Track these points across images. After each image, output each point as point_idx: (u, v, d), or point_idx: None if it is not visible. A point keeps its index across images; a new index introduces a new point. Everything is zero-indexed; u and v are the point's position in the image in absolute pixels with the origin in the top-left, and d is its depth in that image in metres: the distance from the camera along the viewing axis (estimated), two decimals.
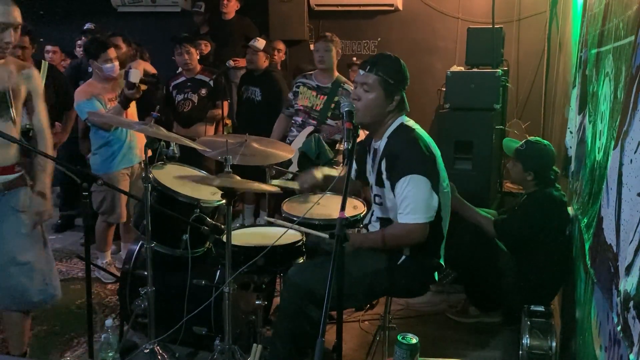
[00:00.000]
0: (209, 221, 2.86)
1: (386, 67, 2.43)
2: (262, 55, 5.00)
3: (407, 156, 2.36)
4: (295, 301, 2.40)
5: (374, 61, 2.46)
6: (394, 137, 2.46)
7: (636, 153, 1.38)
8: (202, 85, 4.78)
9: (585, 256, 2.17)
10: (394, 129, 2.48)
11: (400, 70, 2.48)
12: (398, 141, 2.43)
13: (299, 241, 2.70)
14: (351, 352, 3.17)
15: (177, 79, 4.87)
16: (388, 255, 2.46)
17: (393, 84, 2.42)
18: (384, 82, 2.41)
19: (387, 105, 2.45)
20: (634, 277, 1.25)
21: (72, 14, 6.63)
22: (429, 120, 5.60)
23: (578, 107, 3.09)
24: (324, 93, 4.16)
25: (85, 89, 4.01)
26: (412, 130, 2.46)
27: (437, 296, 3.83)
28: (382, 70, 2.41)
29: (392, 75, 2.42)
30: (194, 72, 4.80)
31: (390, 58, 2.50)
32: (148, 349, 2.77)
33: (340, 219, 1.83)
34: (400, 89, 2.47)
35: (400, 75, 2.46)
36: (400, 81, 2.46)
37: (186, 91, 4.78)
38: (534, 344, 2.67)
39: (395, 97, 2.44)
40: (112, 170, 4.01)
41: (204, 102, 4.76)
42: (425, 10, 5.86)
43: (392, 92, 2.43)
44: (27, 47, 4.00)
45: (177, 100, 4.79)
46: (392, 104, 2.45)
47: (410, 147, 2.38)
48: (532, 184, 3.26)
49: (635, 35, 1.60)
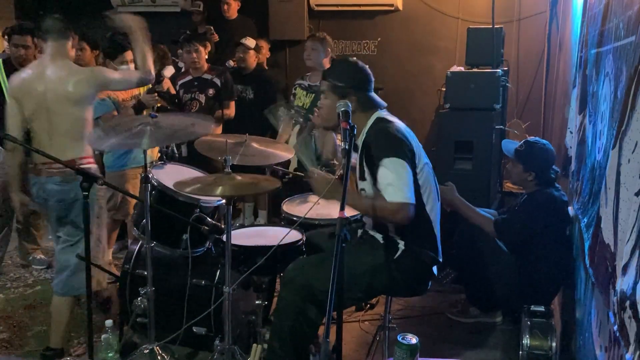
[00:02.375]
0: (209, 221, 2.86)
1: (335, 72, 2.54)
2: (252, 54, 5.04)
3: (379, 142, 2.42)
4: (294, 299, 2.41)
5: (328, 69, 2.61)
6: (372, 131, 2.50)
7: (634, 153, 1.38)
8: (210, 85, 4.74)
9: (585, 256, 2.17)
10: (372, 123, 2.52)
11: (353, 72, 2.54)
12: (377, 132, 2.48)
13: (299, 241, 2.71)
14: (351, 352, 3.18)
15: (184, 77, 4.82)
16: (385, 251, 2.48)
17: (343, 87, 2.48)
18: (334, 87, 2.49)
19: None
20: (630, 276, 1.25)
21: (72, 13, 6.62)
22: (429, 120, 5.60)
23: (578, 107, 3.09)
24: (313, 92, 4.24)
25: None
26: (384, 121, 2.51)
27: (437, 296, 3.82)
28: (331, 76, 2.52)
29: (341, 79, 2.49)
30: (201, 71, 4.75)
31: (342, 63, 2.65)
32: (148, 349, 2.77)
33: (341, 218, 1.84)
34: (355, 89, 2.49)
35: (352, 78, 2.51)
36: (352, 82, 2.50)
37: (193, 91, 4.74)
38: (534, 344, 2.67)
39: (350, 97, 2.45)
40: (124, 168, 4.03)
41: (211, 102, 4.73)
42: (425, 10, 5.86)
43: (344, 94, 2.46)
44: (30, 46, 4.00)
45: (184, 99, 4.78)
46: (352, 105, 2.45)
47: (382, 134, 2.45)
48: (532, 184, 3.26)
49: (635, 35, 1.61)
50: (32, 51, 4.05)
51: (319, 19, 6.14)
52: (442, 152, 4.19)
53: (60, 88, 2.95)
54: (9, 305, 3.80)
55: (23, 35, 3.97)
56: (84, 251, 2.62)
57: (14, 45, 3.99)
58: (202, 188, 2.51)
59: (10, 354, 3.18)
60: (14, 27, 4.09)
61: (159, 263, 2.92)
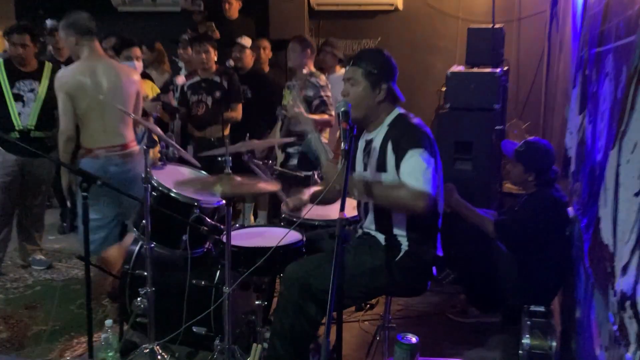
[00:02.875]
0: (208, 221, 2.86)
1: (368, 59, 2.51)
2: (249, 53, 5.03)
3: (410, 133, 2.43)
4: (294, 298, 2.40)
5: (357, 56, 2.57)
6: (396, 124, 2.50)
7: (633, 153, 1.38)
8: (217, 87, 4.68)
9: (584, 256, 2.17)
10: (394, 118, 2.52)
11: (384, 60, 2.53)
12: (403, 124, 2.48)
13: (300, 242, 2.70)
14: (351, 352, 3.17)
15: (192, 78, 4.80)
16: (386, 252, 2.47)
17: (377, 74, 2.47)
18: (367, 74, 2.47)
19: (376, 96, 2.48)
20: (630, 277, 1.25)
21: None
22: (429, 121, 5.59)
23: (578, 107, 3.09)
24: (291, 89, 4.41)
25: None
26: (407, 117, 2.53)
27: (437, 296, 3.82)
28: (364, 62, 2.48)
29: (375, 66, 2.48)
30: (209, 72, 4.69)
31: (372, 51, 2.62)
32: (148, 348, 2.77)
33: (341, 219, 1.84)
34: (386, 78, 2.49)
35: (383, 66, 2.51)
36: (384, 70, 2.50)
37: (200, 92, 4.70)
38: (534, 344, 2.67)
39: (382, 86, 2.47)
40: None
41: (217, 105, 4.67)
42: (425, 10, 5.86)
43: (377, 82, 2.47)
44: (29, 45, 4.01)
45: (191, 101, 4.75)
46: (380, 94, 2.48)
47: (409, 127, 2.46)
48: (533, 185, 3.25)
49: (635, 35, 1.61)
50: (31, 50, 4.06)
51: (319, 19, 6.15)
52: (442, 152, 4.11)
53: (112, 83, 3.35)
54: (9, 305, 3.80)
55: (22, 35, 3.99)
56: (84, 251, 2.62)
57: (13, 44, 4.00)
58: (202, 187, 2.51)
59: (10, 354, 3.18)
60: (13, 27, 4.10)
61: (159, 263, 2.92)
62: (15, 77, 4.04)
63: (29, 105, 4.05)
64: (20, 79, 4.05)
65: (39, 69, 4.14)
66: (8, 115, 4.00)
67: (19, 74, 4.05)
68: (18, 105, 4.02)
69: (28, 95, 4.04)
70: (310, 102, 4.29)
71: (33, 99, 4.06)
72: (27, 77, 4.07)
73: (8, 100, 3.99)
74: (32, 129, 4.06)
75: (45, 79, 4.11)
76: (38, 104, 4.06)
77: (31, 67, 4.10)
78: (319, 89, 4.30)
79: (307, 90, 4.33)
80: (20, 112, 4.03)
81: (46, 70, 4.16)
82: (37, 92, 4.07)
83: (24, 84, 4.05)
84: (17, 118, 4.01)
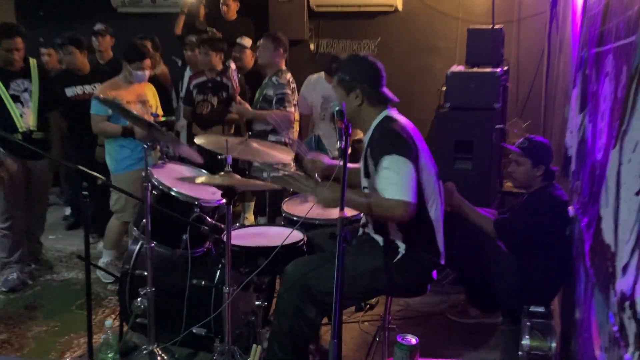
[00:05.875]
0: (208, 221, 2.86)
1: (342, 66, 2.56)
2: (249, 54, 5.03)
3: (385, 139, 2.42)
4: (293, 301, 2.40)
5: (338, 64, 2.62)
6: (379, 128, 2.50)
7: (634, 152, 1.38)
8: (223, 87, 4.73)
9: (585, 256, 2.16)
10: (379, 121, 2.52)
11: (357, 66, 2.54)
12: (382, 129, 2.48)
13: (301, 241, 2.70)
14: (351, 353, 3.17)
15: (198, 77, 4.83)
16: (385, 254, 2.47)
17: (348, 80, 2.49)
18: (340, 80, 2.52)
19: (352, 101, 2.49)
20: (630, 277, 1.25)
21: (72, 14, 6.63)
22: (429, 120, 5.59)
23: (578, 107, 3.09)
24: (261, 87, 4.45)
25: (107, 87, 4.04)
26: (391, 119, 2.51)
27: (437, 296, 3.82)
28: (339, 70, 2.55)
29: (347, 72, 2.51)
30: (215, 72, 4.76)
31: (348, 58, 2.64)
32: (148, 349, 2.77)
33: (341, 218, 1.83)
34: (360, 82, 2.49)
35: (356, 71, 2.51)
36: (357, 75, 2.50)
37: (206, 92, 4.74)
38: (534, 345, 2.66)
39: (356, 91, 2.47)
40: (129, 169, 4.04)
41: (222, 105, 4.72)
42: (425, 11, 5.86)
43: (350, 87, 2.49)
44: (21, 48, 3.94)
45: (197, 100, 4.77)
46: (357, 99, 2.49)
47: (388, 132, 2.44)
48: (539, 180, 3.20)
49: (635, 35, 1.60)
50: (22, 52, 3.98)
51: (319, 19, 6.15)
52: (442, 151, 4.18)
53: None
54: (9, 306, 3.80)
55: (13, 38, 3.92)
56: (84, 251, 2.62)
57: (5, 50, 3.89)
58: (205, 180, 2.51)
59: (10, 354, 3.18)
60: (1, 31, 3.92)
61: (159, 263, 2.91)
62: (6, 78, 3.96)
63: (28, 106, 4.03)
64: (11, 79, 3.98)
65: (26, 66, 4.06)
66: (10, 117, 3.96)
67: (8, 74, 3.97)
68: (18, 106, 3.99)
69: (24, 96, 4.00)
70: (270, 100, 4.30)
71: (29, 99, 4.03)
72: (17, 76, 4.00)
73: (7, 102, 3.94)
74: (35, 130, 4.04)
75: (34, 77, 4.06)
76: (34, 105, 4.02)
77: (18, 65, 4.01)
78: (277, 87, 4.29)
79: (267, 89, 4.34)
80: (22, 113, 4.00)
81: (32, 67, 4.09)
82: (31, 92, 4.03)
83: (17, 84, 3.98)
84: (19, 120, 3.97)
